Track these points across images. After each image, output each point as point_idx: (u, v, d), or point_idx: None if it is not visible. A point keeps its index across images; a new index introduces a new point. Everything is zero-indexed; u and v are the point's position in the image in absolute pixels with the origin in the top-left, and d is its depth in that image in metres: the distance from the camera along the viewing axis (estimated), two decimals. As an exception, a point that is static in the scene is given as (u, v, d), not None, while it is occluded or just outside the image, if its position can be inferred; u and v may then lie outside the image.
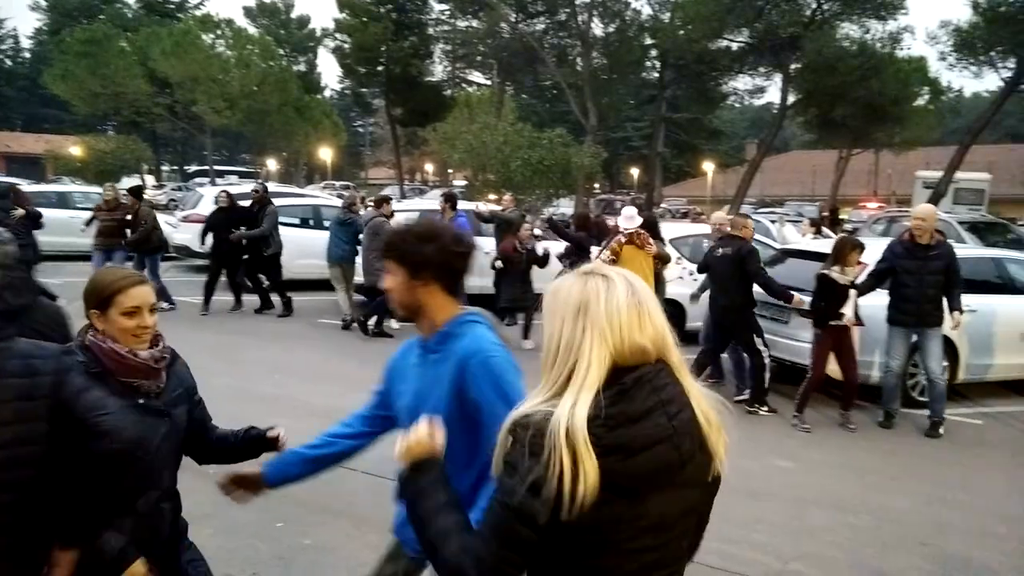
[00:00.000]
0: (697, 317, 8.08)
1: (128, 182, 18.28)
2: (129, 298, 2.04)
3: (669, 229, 10.13)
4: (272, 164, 53.43)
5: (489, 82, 42.77)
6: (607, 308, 1.40)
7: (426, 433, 1.56)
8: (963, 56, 25.46)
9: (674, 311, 8.51)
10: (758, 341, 6.97)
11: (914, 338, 6.66)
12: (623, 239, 8.14)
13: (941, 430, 6.55)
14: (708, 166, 47.68)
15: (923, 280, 6.44)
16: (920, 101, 33.04)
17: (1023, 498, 5.33)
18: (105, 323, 2.04)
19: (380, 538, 3.82)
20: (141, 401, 2.05)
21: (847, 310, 6.44)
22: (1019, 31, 22.70)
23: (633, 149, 52.51)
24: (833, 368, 6.71)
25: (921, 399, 7.19)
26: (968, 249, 9.83)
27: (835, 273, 6.42)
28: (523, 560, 1.37)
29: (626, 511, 1.35)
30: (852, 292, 6.43)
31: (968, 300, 6.85)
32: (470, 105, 38.47)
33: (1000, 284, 7.80)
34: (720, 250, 7.20)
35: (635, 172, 51.38)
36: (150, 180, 33.12)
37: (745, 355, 7.18)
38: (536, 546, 1.35)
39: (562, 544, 1.36)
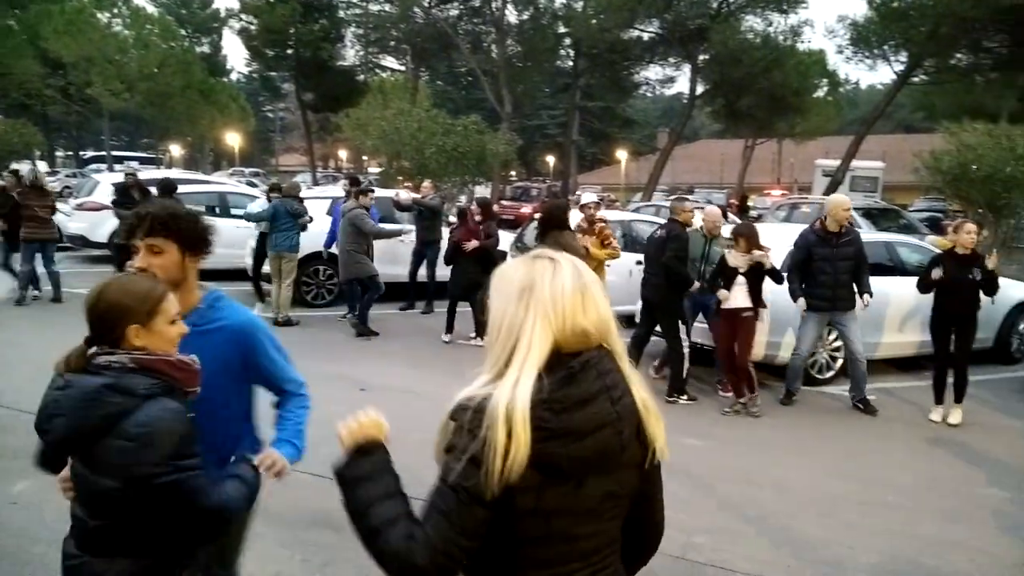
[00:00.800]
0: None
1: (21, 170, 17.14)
2: (172, 304, 1.92)
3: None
4: (176, 150, 51.22)
5: (403, 68, 42.19)
6: (551, 290, 1.40)
7: (371, 418, 1.50)
8: (859, 49, 26.71)
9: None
10: (681, 329, 7.03)
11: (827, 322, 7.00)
12: (584, 226, 8.01)
13: (869, 405, 6.87)
14: (622, 154, 48.47)
15: (836, 266, 6.71)
16: (820, 93, 34.54)
17: (913, 469, 5.65)
18: (148, 336, 1.86)
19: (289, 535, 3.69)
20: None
21: (736, 294, 6.58)
22: (910, 26, 23.94)
23: (549, 137, 52.88)
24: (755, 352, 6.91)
25: (819, 377, 7.55)
26: (863, 234, 10.32)
27: (731, 255, 6.58)
28: (471, 544, 1.34)
29: (570, 496, 1.36)
30: (741, 279, 6.56)
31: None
32: (384, 91, 37.83)
33: (891, 266, 8.24)
34: (658, 232, 7.32)
35: (551, 160, 51.76)
36: (43, 166, 31.20)
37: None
38: (484, 527, 1.34)
39: (508, 531, 1.35)
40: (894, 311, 7.85)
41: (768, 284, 6.68)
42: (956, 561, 4.17)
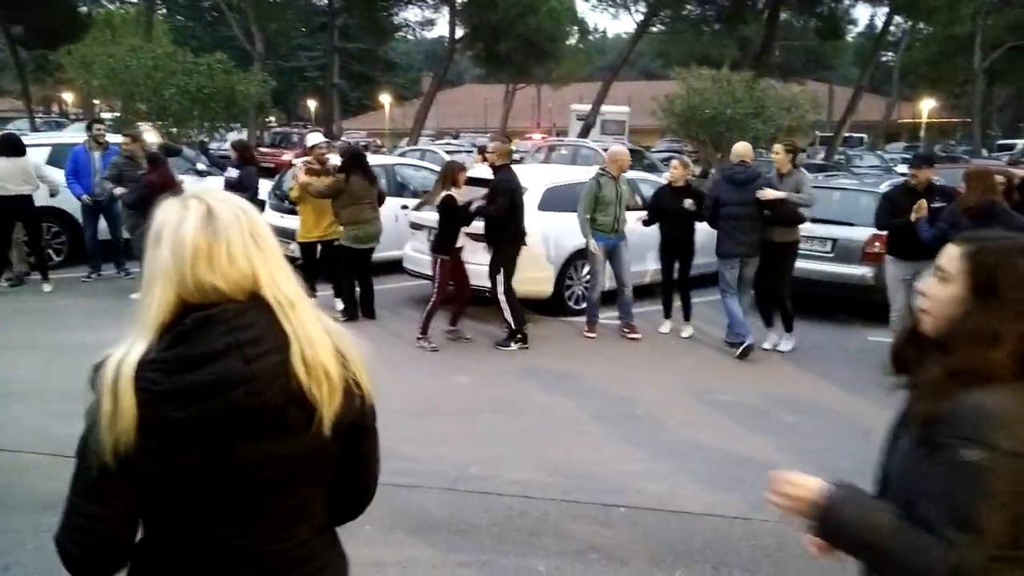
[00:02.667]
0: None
1: None
2: None
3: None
4: None
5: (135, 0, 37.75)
6: (174, 239, 1.25)
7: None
8: (603, -1, 28.26)
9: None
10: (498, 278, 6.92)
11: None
12: (316, 167, 7.66)
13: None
14: (386, 99, 47.60)
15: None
16: (572, 41, 36.20)
17: (657, 382, 6.26)
18: None
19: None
20: None
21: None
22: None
23: (309, 80, 50.40)
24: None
25: (576, 307, 8.05)
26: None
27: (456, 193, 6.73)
28: (104, 513, 1.26)
29: (208, 462, 1.24)
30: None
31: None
32: (112, 26, 33.67)
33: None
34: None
35: (312, 104, 49.53)
36: None
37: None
38: (120, 498, 1.25)
39: (156, 501, 1.27)
40: (637, 243, 8.50)
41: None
42: (694, 460, 4.70)
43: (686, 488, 4.25)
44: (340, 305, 7.90)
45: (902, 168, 18.49)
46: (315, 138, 8.37)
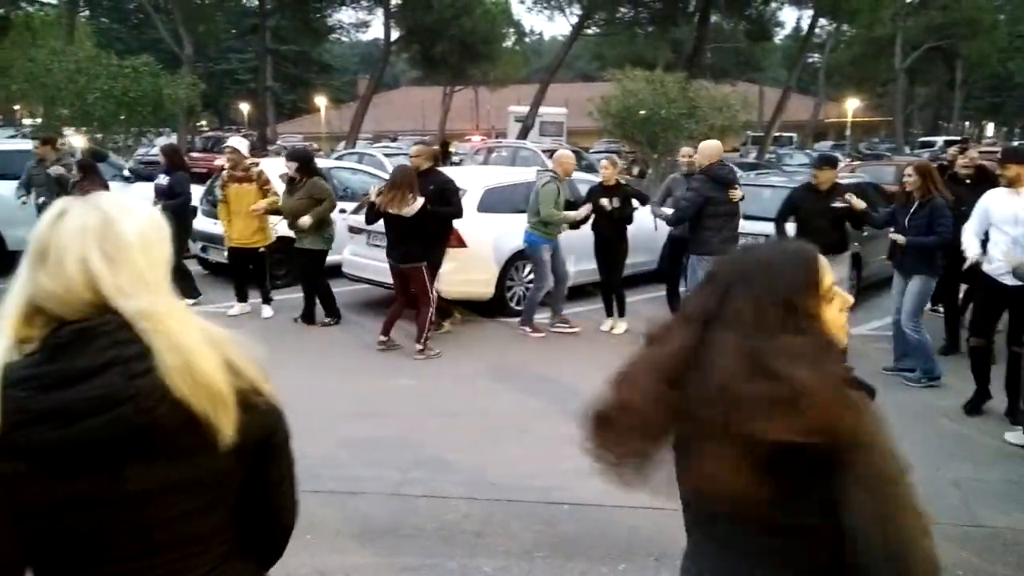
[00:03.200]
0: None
1: None
2: None
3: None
4: None
5: (55, 1, 36.33)
6: (39, 246, 1.17)
7: None
8: (538, 0, 28.46)
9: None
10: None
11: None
12: (225, 176, 7.58)
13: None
14: (321, 101, 46.92)
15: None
16: (508, 43, 36.32)
17: (598, 381, 6.30)
18: None
19: None
20: None
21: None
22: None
23: (241, 83, 49.35)
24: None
25: (518, 308, 8.07)
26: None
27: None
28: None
29: (104, 486, 1.14)
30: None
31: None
32: (32, 28, 32.33)
33: (572, 203, 8.94)
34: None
35: (245, 108, 48.46)
36: None
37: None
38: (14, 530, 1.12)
39: (35, 535, 1.14)
40: (575, 243, 8.56)
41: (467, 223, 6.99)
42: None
43: (628, 483, 4.30)
44: (269, 312, 7.81)
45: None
46: (235, 142, 8.19)
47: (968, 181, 6.94)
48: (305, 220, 7.34)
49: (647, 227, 8.17)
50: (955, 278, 6.69)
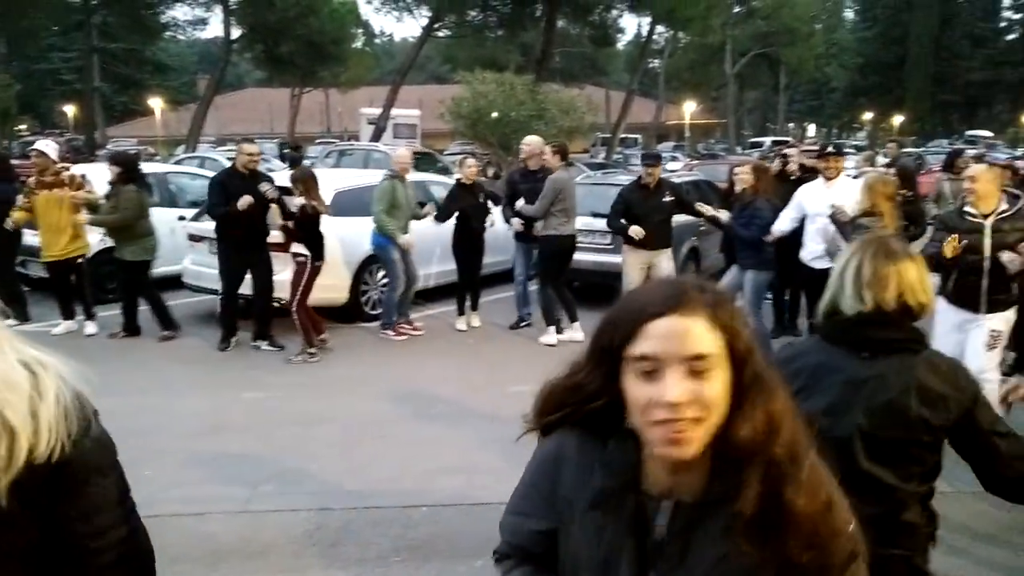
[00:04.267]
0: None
1: None
2: None
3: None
4: None
5: None
6: None
7: None
8: (386, 1, 28.15)
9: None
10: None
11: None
12: (32, 183, 7.00)
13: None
14: (156, 103, 44.07)
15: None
16: (358, 44, 35.69)
17: (454, 380, 6.34)
18: None
19: None
20: None
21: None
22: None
23: (65, 84, 45.54)
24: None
25: (373, 313, 7.94)
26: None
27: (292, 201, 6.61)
28: None
29: None
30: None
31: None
32: None
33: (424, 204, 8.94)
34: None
35: (71, 110, 44.71)
36: None
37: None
38: None
39: None
40: (431, 245, 8.54)
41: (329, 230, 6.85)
42: (490, 452, 4.78)
43: (484, 479, 4.32)
44: (92, 328, 7.29)
45: (671, 165, 20.00)
46: (42, 144, 7.55)
47: (794, 179, 7.51)
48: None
49: (500, 227, 8.26)
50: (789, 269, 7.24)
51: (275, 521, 3.90)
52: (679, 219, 7.55)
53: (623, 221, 7.04)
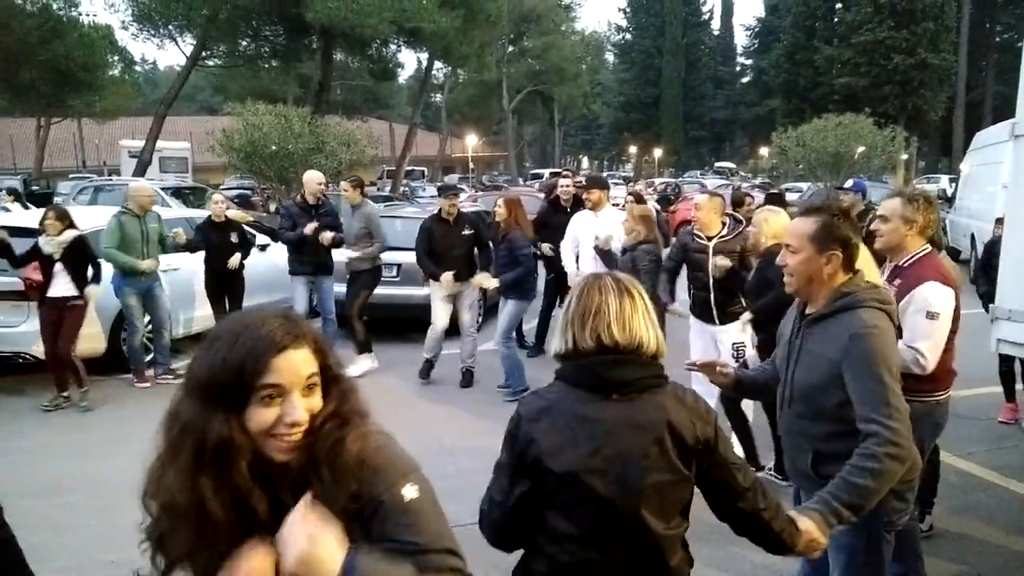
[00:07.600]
0: None
1: None
2: None
3: None
4: None
5: None
6: None
7: None
8: (144, 27, 26.26)
9: None
10: None
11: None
12: None
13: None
14: None
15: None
16: (115, 71, 32.82)
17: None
18: None
19: None
20: None
21: (59, 282, 6.20)
22: (191, 8, 24.38)
23: None
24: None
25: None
26: (172, 212, 10.26)
27: (43, 240, 6.11)
28: None
29: None
30: (59, 266, 6.17)
31: (171, 259, 7.53)
32: None
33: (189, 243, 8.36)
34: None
35: None
36: None
37: None
38: None
39: None
40: (201, 287, 7.97)
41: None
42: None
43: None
44: None
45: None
46: None
47: (567, 208, 7.92)
48: None
49: (274, 264, 7.95)
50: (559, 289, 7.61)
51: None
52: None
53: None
